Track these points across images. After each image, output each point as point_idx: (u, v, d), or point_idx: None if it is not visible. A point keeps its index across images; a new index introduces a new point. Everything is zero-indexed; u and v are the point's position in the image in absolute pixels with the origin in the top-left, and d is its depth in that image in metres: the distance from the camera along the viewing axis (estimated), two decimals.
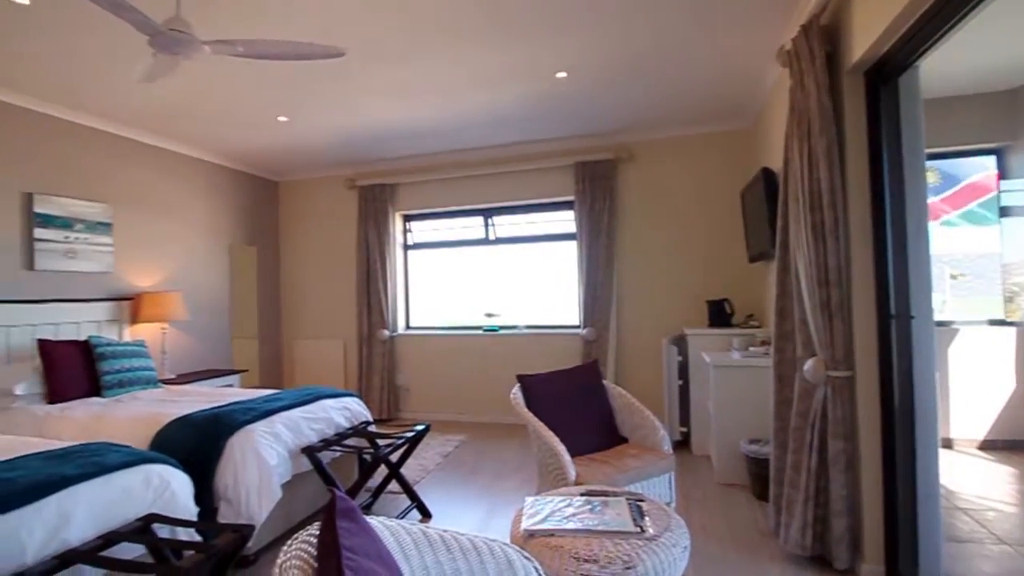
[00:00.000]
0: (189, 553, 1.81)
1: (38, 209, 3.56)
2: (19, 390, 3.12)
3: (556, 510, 1.81)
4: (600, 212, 4.67)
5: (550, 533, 1.66)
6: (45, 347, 3.26)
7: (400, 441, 2.80)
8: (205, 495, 2.37)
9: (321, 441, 2.84)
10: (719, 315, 4.05)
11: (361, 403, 3.41)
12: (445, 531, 1.34)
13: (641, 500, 1.88)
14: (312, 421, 2.89)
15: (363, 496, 3.08)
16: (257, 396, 3.19)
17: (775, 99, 3.46)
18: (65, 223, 3.73)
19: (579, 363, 4.72)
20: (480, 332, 5.15)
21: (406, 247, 5.64)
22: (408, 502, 3.02)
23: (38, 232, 3.56)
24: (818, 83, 2.25)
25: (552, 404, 2.63)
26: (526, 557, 1.37)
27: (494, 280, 5.33)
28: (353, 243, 5.58)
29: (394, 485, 3.26)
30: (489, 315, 5.26)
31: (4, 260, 3.41)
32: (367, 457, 3.13)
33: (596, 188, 4.69)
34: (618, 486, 2.17)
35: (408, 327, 5.60)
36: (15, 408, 3.06)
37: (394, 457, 3.20)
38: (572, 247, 4.99)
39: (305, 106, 3.85)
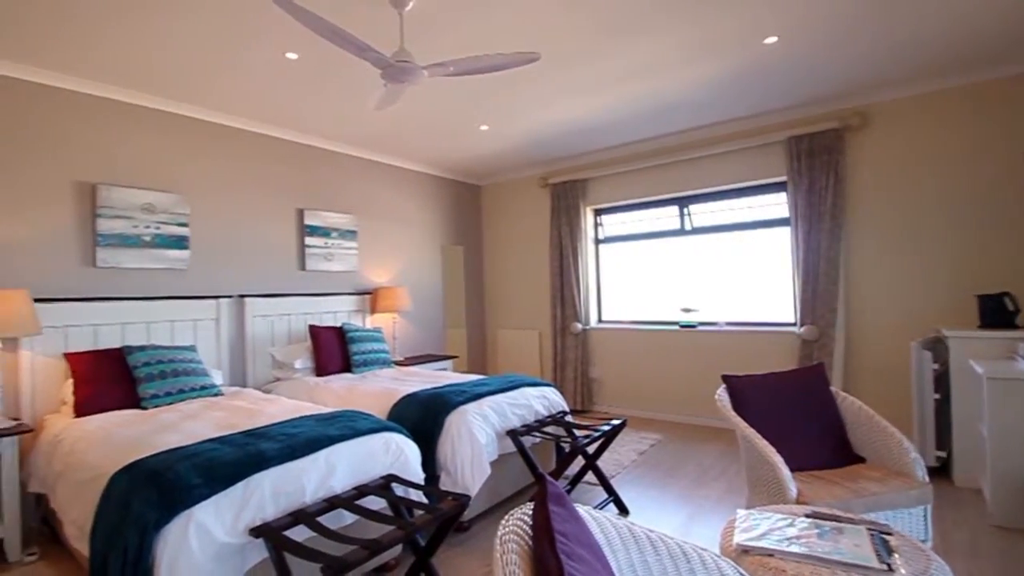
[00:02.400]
0: (419, 512, 2.08)
1: (307, 222, 4.48)
2: (297, 364, 3.97)
3: (774, 528, 1.62)
4: (821, 192, 4.05)
5: (768, 553, 1.49)
6: (314, 331, 4.09)
7: (597, 434, 2.82)
8: (428, 463, 2.71)
9: (523, 426, 3.01)
10: (997, 314, 3.18)
11: (558, 393, 3.53)
12: (652, 531, 1.30)
13: (887, 533, 1.58)
14: (515, 407, 3.09)
15: (560, 483, 3.19)
16: (467, 380, 3.53)
17: None
18: (325, 232, 4.61)
19: (796, 366, 4.19)
20: (676, 328, 4.91)
21: (597, 241, 5.65)
22: (604, 495, 3.03)
23: (307, 240, 4.48)
24: None
25: (765, 410, 2.37)
26: (742, 574, 1.25)
27: (691, 273, 5.02)
28: (546, 239, 5.81)
29: (590, 476, 3.30)
30: (686, 310, 4.98)
31: (286, 262, 4.37)
32: (564, 446, 3.22)
33: (815, 164, 4.07)
34: (853, 512, 1.86)
35: (600, 321, 5.61)
36: (295, 378, 3.91)
37: (590, 449, 3.25)
38: (784, 234, 4.44)
39: (502, 113, 4.12)
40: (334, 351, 4.07)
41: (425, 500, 2.36)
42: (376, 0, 2.49)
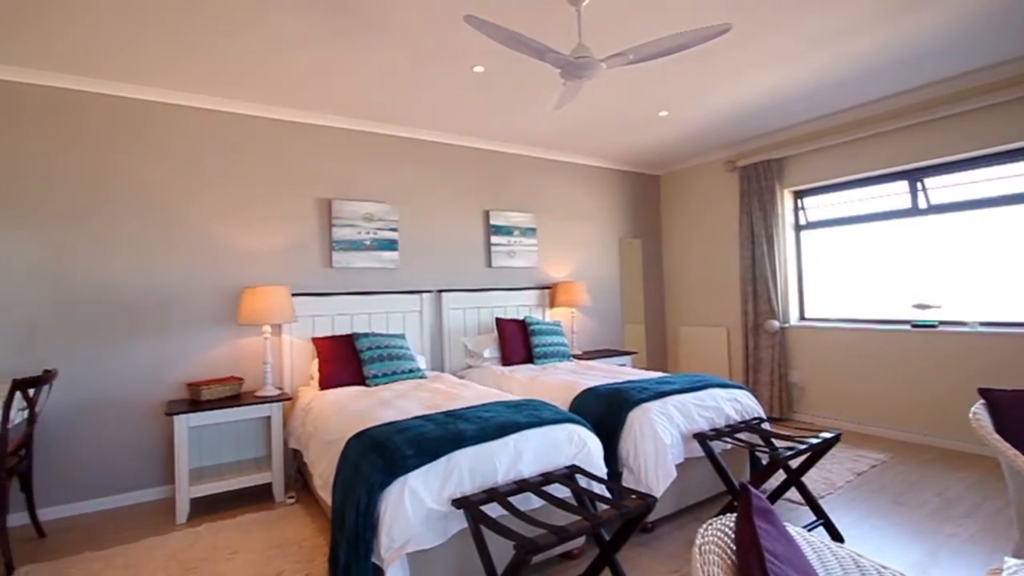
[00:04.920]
0: (603, 506, 2.08)
1: (492, 222, 4.80)
2: (486, 353, 4.28)
3: None
4: None
5: None
6: (499, 323, 4.37)
7: (803, 447, 2.49)
8: (610, 459, 2.69)
9: (712, 430, 2.81)
10: None
11: (752, 397, 3.21)
12: (884, 567, 1.10)
13: None
14: (702, 408, 2.90)
15: None
16: (649, 377, 3.42)
17: None
18: (507, 231, 4.89)
19: None
20: (907, 328, 4.09)
21: (798, 227, 5.00)
22: (812, 517, 2.67)
23: (492, 239, 4.80)
24: None
25: None
26: None
27: (928, 262, 4.12)
28: (735, 227, 5.33)
29: (793, 494, 2.95)
30: (920, 306, 4.12)
31: (474, 260, 4.74)
32: (761, 456, 2.94)
33: None
34: None
35: (802, 318, 4.96)
36: (483, 366, 4.22)
37: (794, 463, 2.91)
38: None
39: (684, 96, 3.87)
40: (518, 343, 4.30)
41: (608, 495, 2.34)
42: (553, 0, 2.54)
